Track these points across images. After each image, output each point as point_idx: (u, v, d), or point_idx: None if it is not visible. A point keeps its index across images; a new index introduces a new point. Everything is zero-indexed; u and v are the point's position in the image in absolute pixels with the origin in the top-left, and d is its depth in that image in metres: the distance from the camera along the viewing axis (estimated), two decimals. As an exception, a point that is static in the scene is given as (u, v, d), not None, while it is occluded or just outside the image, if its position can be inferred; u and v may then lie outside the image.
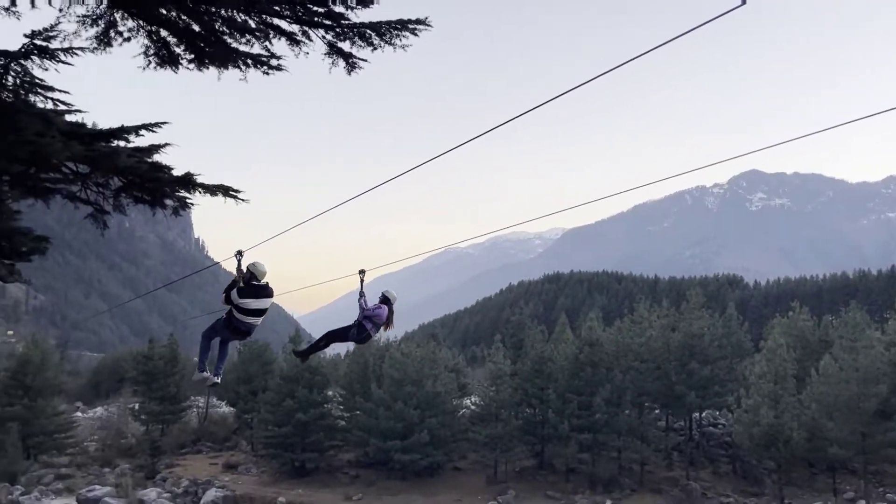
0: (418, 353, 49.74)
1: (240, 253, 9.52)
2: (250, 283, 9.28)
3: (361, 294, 9.97)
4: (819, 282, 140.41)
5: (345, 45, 8.58)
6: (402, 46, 8.27)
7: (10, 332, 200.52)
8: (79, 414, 70.94)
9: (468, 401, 54.37)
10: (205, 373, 10.17)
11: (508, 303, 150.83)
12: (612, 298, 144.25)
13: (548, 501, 41.84)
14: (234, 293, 9.18)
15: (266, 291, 9.34)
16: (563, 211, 13.20)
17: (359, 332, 10.03)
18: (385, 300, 10.16)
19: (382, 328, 10.20)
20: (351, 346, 61.31)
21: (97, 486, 45.23)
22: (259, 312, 9.38)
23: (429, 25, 8.10)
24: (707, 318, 49.63)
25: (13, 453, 48.67)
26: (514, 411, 47.08)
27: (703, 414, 49.20)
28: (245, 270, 9.39)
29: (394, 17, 8.10)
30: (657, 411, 47.91)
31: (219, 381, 10.58)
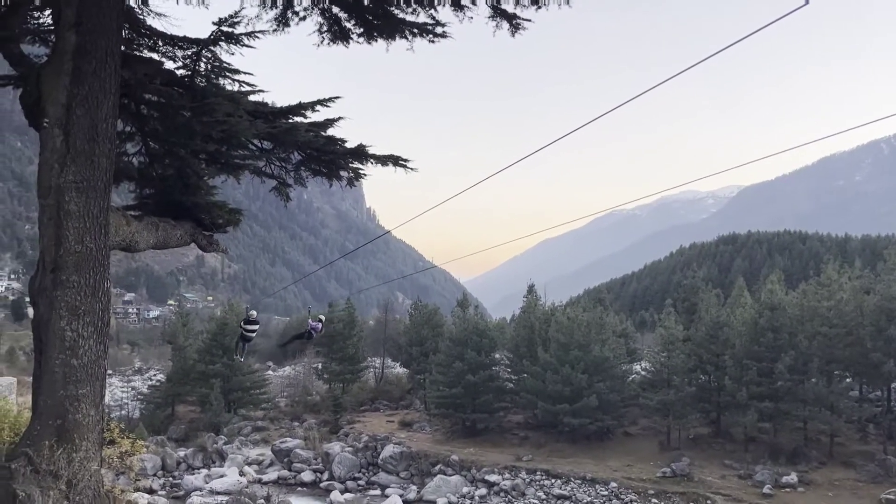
0: (584, 317, 49.23)
1: (248, 308, 20.64)
2: (248, 319, 18.06)
3: (309, 319, 19.03)
4: None
5: (508, 6, 8.52)
6: (567, 2, 8.07)
7: (210, 298, 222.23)
8: (270, 372, 77.46)
9: (638, 366, 53.24)
10: (237, 356, 22.31)
11: (679, 266, 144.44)
12: (795, 260, 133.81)
13: (725, 470, 40.20)
14: (242, 322, 18.35)
15: (254, 322, 18.18)
16: (739, 167, 12.41)
17: (308, 336, 19.00)
18: (319, 320, 18.98)
19: (319, 333, 19.13)
20: (517, 310, 62.36)
21: (289, 439, 49.37)
22: (252, 331, 18.30)
23: (594, -22, 7.83)
24: (909, 280, 44.87)
25: (217, 406, 54.22)
26: (687, 377, 45.48)
27: (905, 384, 44.76)
28: (247, 312, 18.71)
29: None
30: (849, 380, 44.31)
31: (242, 359, 24.56)
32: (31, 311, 9.81)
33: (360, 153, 11.91)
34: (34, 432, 9.00)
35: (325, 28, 9.65)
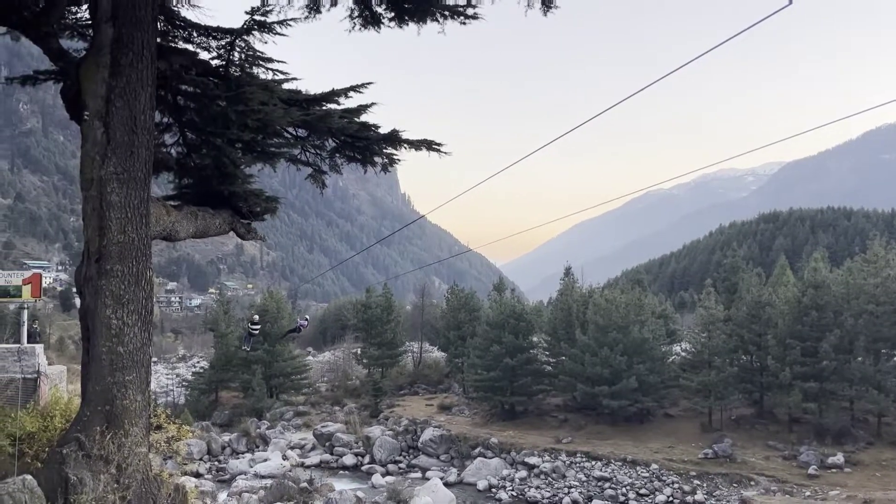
0: (623, 299, 48.80)
1: (252, 314, 38.50)
2: (252, 322, 29.64)
3: (297, 318, 39.07)
4: None
5: (539, -15, 8.40)
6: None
7: (250, 286, 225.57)
8: (310, 358, 78.36)
9: (678, 347, 52.69)
10: (245, 348, 38.08)
11: (719, 245, 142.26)
12: (840, 237, 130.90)
13: (768, 451, 39.68)
14: (249, 324, 29.88)
15: (257, 324, 30.66)
16: (779, 142, 12.13)
17: (298, 331, 32.79)
18: (305, 319, 34.47)
19: (305, 329, 40.29)
20: (554, 293, 62.06)
21: (330, 423, 50.04)
22: (256, 330, 29.49)
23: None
24: (960, 255, 43.51)
25: (259, 392, 55.16)
26: (728, 358, 44.87)
27: (956, 362, 43.53)
28: (253, 316, 34.68)
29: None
30: (897, 359, 43.29)
31: (249, 349, 40.79)
32: (78, 301, 10.08)
33: (394, 138, 11.93)
34: (84, 418, 9.25)
35: (356, 13, 9.66)
